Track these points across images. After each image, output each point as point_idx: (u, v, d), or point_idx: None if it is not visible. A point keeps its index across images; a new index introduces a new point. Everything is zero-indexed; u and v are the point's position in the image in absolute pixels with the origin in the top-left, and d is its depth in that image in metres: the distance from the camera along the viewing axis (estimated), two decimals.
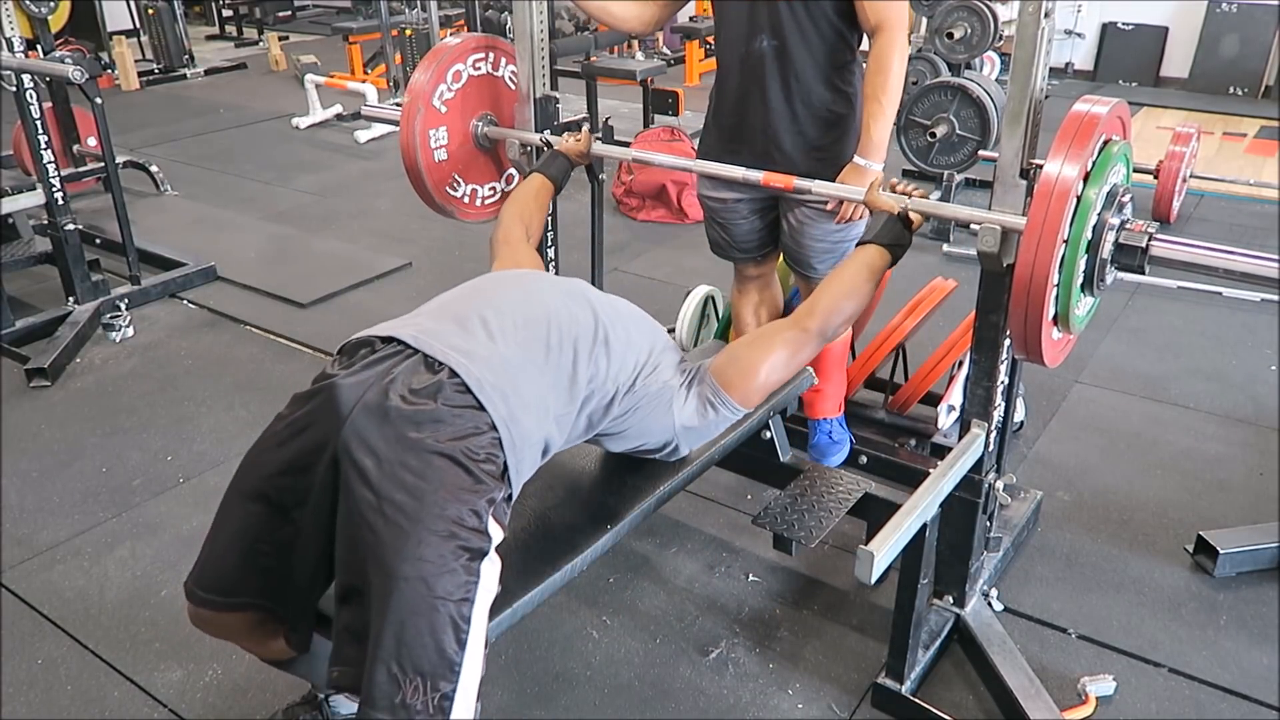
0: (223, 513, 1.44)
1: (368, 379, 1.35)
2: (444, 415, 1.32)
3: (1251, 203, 4.80)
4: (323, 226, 4.68)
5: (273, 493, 1.38)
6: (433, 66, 2.23)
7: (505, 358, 1.41)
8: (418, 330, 1.42)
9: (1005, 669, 1.89)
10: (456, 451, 1.30)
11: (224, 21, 10.28)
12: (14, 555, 2.36)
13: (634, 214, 4.70)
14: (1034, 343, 1.56)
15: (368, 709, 1.22)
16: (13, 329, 3.38)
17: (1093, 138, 1.48)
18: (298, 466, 1.35)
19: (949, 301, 2.66)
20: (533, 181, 2.15)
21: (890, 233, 1.75)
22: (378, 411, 1.31)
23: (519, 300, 1.54)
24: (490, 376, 1.37)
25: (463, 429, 1.32)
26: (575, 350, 1.49)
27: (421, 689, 1.22)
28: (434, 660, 1.23)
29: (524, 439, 1.39)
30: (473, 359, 1.38)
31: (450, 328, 1.44)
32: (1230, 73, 7.08)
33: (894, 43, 2.03)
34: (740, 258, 2.45)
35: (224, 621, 1.45)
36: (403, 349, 1.40)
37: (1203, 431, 2.86)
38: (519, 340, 1.45)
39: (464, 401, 1.34)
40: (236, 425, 2.90)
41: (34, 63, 3.44)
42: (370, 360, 1.39)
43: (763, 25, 2.09)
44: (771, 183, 2.04)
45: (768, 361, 1.65)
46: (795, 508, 1.89)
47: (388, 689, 1.21)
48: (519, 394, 1.39)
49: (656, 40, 8.31)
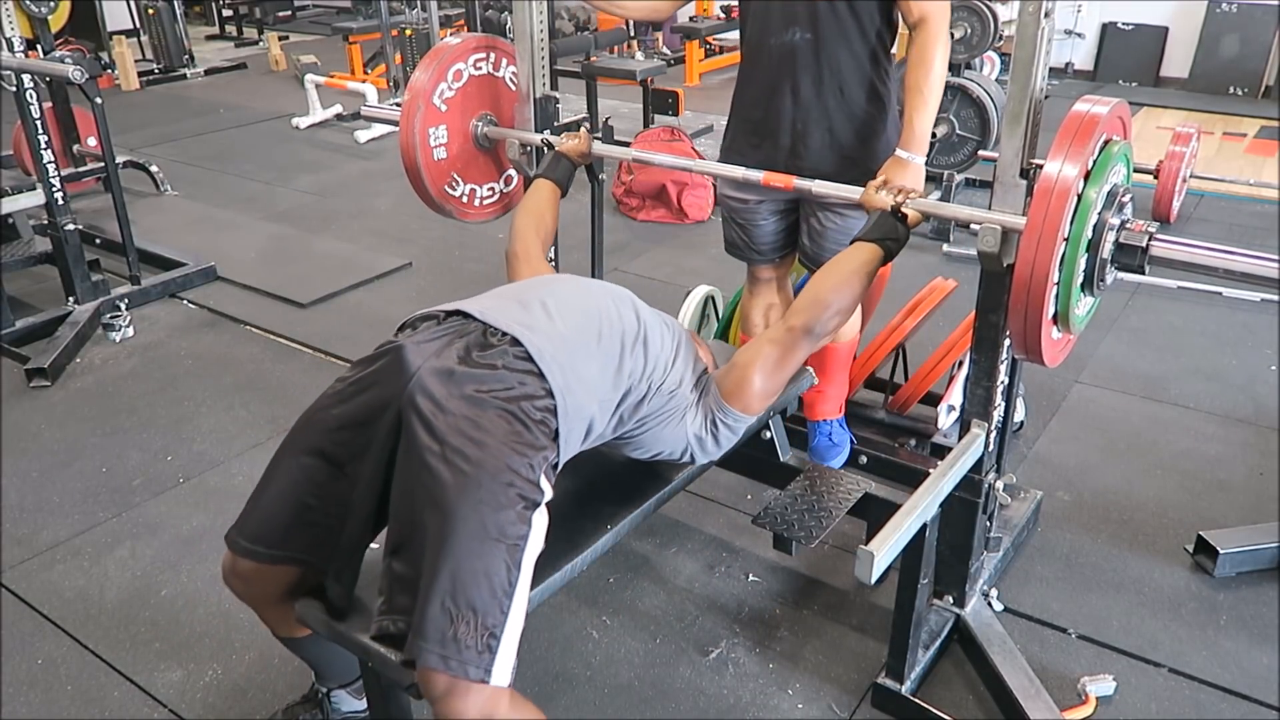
0: (274, 467, 1.49)
1: (434, 344, 1.43)
2: (505, 377, 1.40)
3: (1251, 203, 4.80)
4: (323, 226, 4.68)
5: (329, 447, 1.44)
6: (433, 65, 2.23)
7: (564, 335, 1.49)
8: (482, 306, 1.51)
9: (1005, 669, 1.89)
10: (516, 409, 1.38)
11: (224, 21, 10.28)
12: (14, 555, 2.36)
13: (634, 214, 4.70)
14: (1034, 342, 1.56)
15: (419, 641, 1.26)
16: (13, 329, 3.38)
17: (1093, 138, 1.48)
18: (359, 421, 1.42)
19: (949, 301, 2.66)
20: (541, 190, 2.15)
21: (881, 227, 1.75)
22: (443, 370, 1.39)
23: (573, 292, 1.63)
24: (549, 348, 1.45)
25: (523, 391, 1.40)
26: (621, 343, 1.56)
27: (472, 624, 1.27)
28: (486, 598, 1.28)
29: (576, 410, 1.46)
30: (534, 331, 1.46)
31: (512, 306, 1.53)
32: (1230, 73, 7.08)
33: (938, 37, 2.00)
34: (757, 259, 2.41)
35: (262, 575, 1.49)
36: (467, 320, 1.49)
37: (1203, 431, 2.86)
38: (575, 324, 1.53)
39: (524, 367, 1.42)
40: (236, 425, 2.90)
41: (34, 63, 3.44)
42: (436, 329, 1.48)
43: (798, 19, 2.06)
44: (771, 182, 2.03)
45: (757, 366, 1.67)
46: (795, 508, 1.89)
47: (440, 622, 1.26)
48: (574, 369, 1.47)
49: (656, 40, 8.32)
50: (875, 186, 1.81)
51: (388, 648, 1.35)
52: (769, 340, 1.69)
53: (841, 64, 2.08)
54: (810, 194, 2.00)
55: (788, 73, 2.11)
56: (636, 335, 1.59)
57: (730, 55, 8.19)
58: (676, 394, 1.63)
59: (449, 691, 1.27)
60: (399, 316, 1.56)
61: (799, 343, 1.67)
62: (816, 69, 2.08)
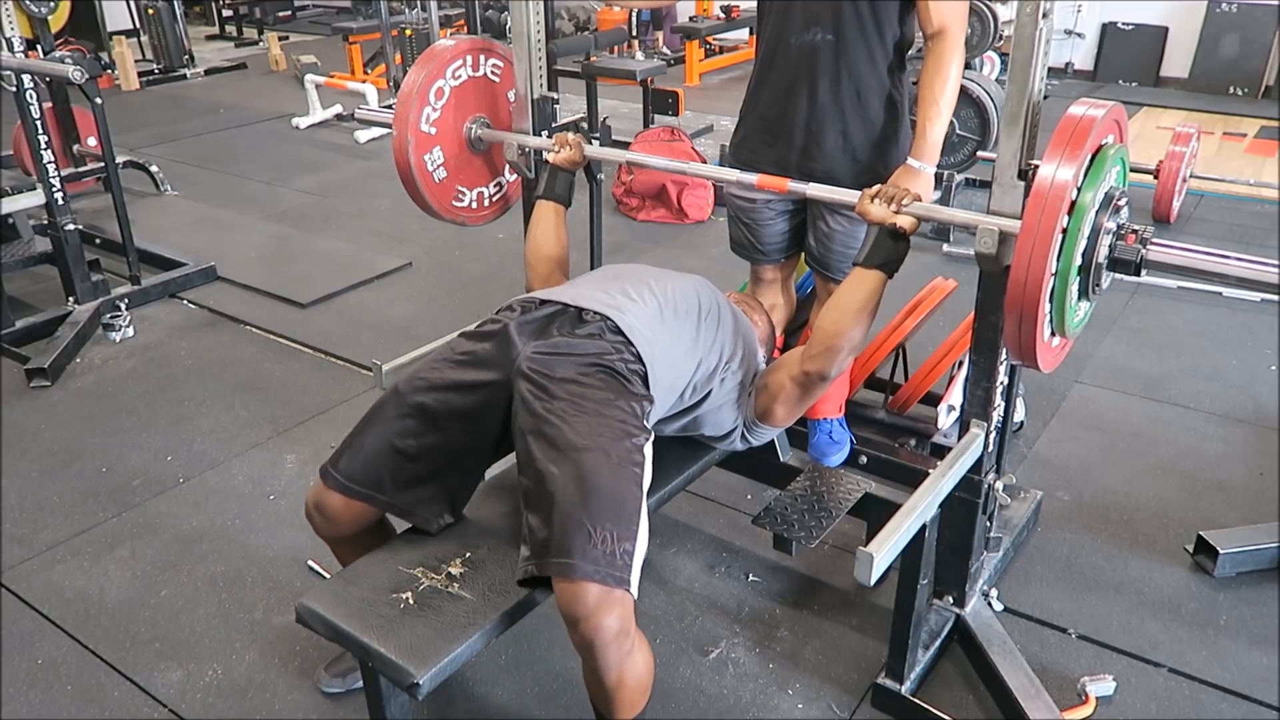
0: (375, 412, 1.67)
1: (536, 324, 1.68)
2: (603, 346, 1.63)
3: (1251, 203, 4.80)
4: (323, 226, 4.68)
5: (434, 403, 1.63)
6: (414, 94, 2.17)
7: (648, 313, 1.73)
8: (572, 295, 1.75)
9: (1005, 669, 1.89)
10: (616, 367, 1.62)
11: (224, 21, 10.29)
12: (14, 555, 2.36)
13: (634, 214, 4.70)
14: (1029, 348, 1.55)
15: (562, 557, 1.40)
16: (13, 329, 3.38)
17: (1088, 141, 1.47)
18: (467, 385, 1.63)
19: (949, 301, 2.66)
20: (545, 216, 2.18)
21: (880, 250, 1.75)
22: (548, 344, 1.62)
23: (648, 278, 1.84)
24: (637, 324, 1.69)
25: (619, 356, 1.63)
26: (697, 320, 1.79)
27: (610, 539, 1.41)
28: (619, 516, 1.44)
29: (662, 370, 1.69)
30: (623, 310, 1.70)
31: (598, 293, 1.76)
32: (1230, 73, 7.08)
33: (955, 46, 1.99)
34: (761, 259, 2.40)
35: (347, 510, 1.64)
36: (562, 306, 1.72)
37: (1203, 431, 2.86)
38: (655, 305, 1.76)
39: (617, 340, 1.65)
40: (236, 425, 2.90)
41: (34, 63, 3.44)
42: (535, 312, 1.71)
43: (819, 18, 2.04)
44: (766, 185, 2.02)
45: (781, 400, 1.85)
46: (795, 508, 1.89)
47: (581, 539, 1.40)
48: (659, 341, 1.70)
49: (656, 40, 8.32)
50: (870, 195, 1.77)
51: (534, 589, 1.50)
52: (791, 379, 1.83)
53: (860, 67, 2.07)
54: (805, 198, 1.99)
55: (805, 73, 2.09)
56: (705, 312, 1.82)
57: (730, 55, 8.19)
58: (732, 380, 1.84)
59: (601, 602, 1.39)
60: (399, 316, 1.58)
61: (816, 386, 1.82)
62: (835, 70, 2.07)
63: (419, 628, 1.47)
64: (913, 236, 1.76)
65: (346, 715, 1.89)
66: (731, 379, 1.84)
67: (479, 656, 1.53)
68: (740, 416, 1.88)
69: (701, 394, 1.81)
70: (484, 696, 1.94)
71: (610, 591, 1.40)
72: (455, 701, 1.92)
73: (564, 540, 1.41)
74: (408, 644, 1.44)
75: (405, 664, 1.41)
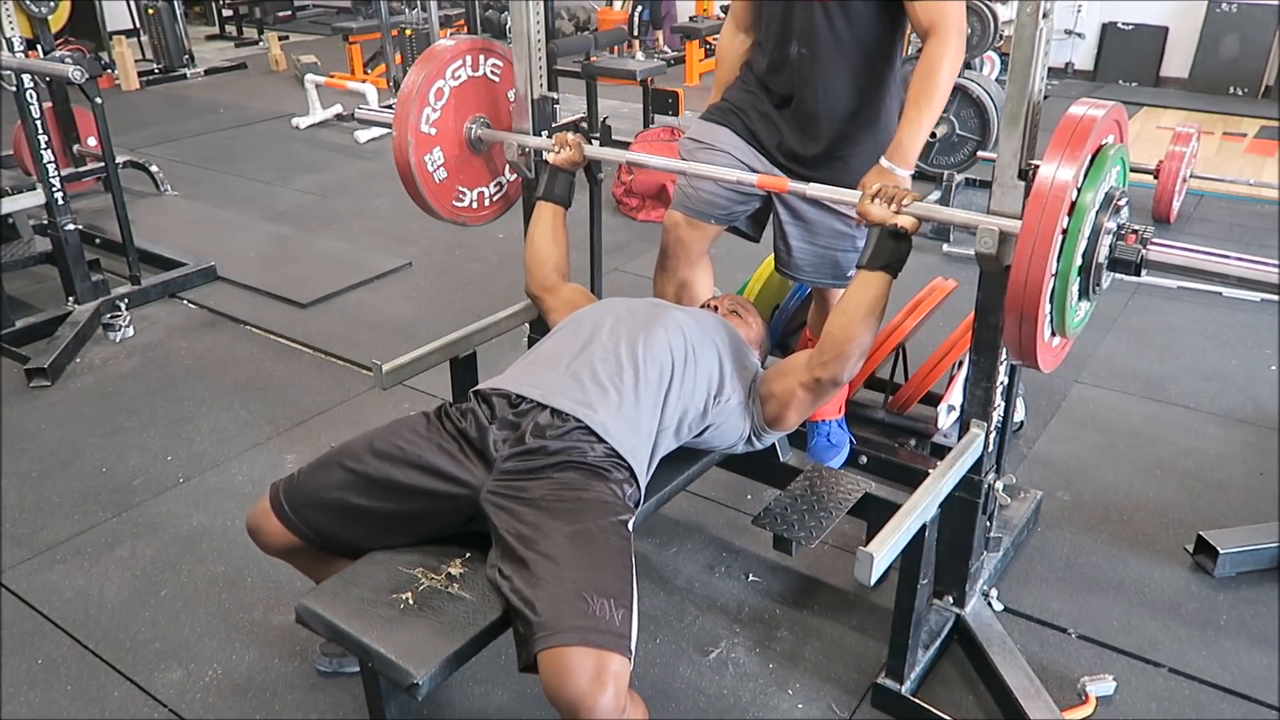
0: (343, 453, 1.67)
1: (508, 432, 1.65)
2: (581, 448, 1.62)
3: (1251, 203, 4.80)
4: (323, 226, 4.68)
5: (402, 479, 1.61)
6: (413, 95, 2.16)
7: (617, 403, 1.69)
8: (543, 390, 1.70)
9: (1005, 669, 1.89)
10: (594, 464, 1.62)
11: (224, 21, 10.28)
12: (14, 555, 2.36)
13: (634, 214, 4.70)
14: (1029, 348, 1.55)
15: (552, 632, 1.36)
16: (13, 329, 3.38)
17: (1088, 141, 1.47)
18: (441, 474, 1.61)
19: (949, 301, 2.66)
20: (544, 217, 2.17)
21: (883, 252, 1.74)
22: (523, 450, 1.61)
23: (620, 344, 1.77)
24: (610, 422, 1.66)
25: (594, 455, 1.63)
26: (671, 379, 1.75)
27: (608, 606, 1.41)
28: (615, 585, 1.45)
29: (642, 455, 1.70)
30: (594, 409, 1.66)
31: (568, 382, 1.71)
32: (1230, 73, 7.08)
33: (946, 48, 1.91)
34: (694, 214, 2.22)
35: (280, 534, 1.66)
36: (534, 404, 1.67)
37: (1203, 431, 2.86)
38: (629, 386, 1.71)
39: (590, 438, 1.64)
40: (236, 425, 2.90)
41: (34, 63, 3.44)
42: (510, 412, 1.67)
43: (795, 32, 2.03)
44: (766, 185, 2.01)
45: (793, 406, 1.86)
46: (795, 508, 1.89)
47: (576, 610, 1.38)
48: (634, 429, 1.69)
49: (656, 40, 8.32)
50: (870, 195, 1.76)
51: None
52: (802, 385, 1.82)
53: (838, 78, 2.05)
54: (805, 196, 1.99)
55: (786, 85, 2.10)
56: (685, 357, 1.78)
57: None
58: (730, 401, 1.83)
59: (600, 669, 1.35)
60: (399, 316, 1.58)
61: (828, 391, 1.82)
62: (815, 82, 2.06)
63: (419, 628, 1.47)
64: (913, 237, 1.76)
65: (346, 715, 1.89)
66: (729, 400, 1.83)
67: (479, 656, 1.52)
68: (748, 425, 1.88)
69: (699, 429, 1.81)
70: (484, 696, 1.94)
71: (612, 657, 1.38)
72: (455, 701, 1.92)
73: (555, 617, 1.38)
74: (407, 644, 1.44)
75: (405, 664, 1.41)
